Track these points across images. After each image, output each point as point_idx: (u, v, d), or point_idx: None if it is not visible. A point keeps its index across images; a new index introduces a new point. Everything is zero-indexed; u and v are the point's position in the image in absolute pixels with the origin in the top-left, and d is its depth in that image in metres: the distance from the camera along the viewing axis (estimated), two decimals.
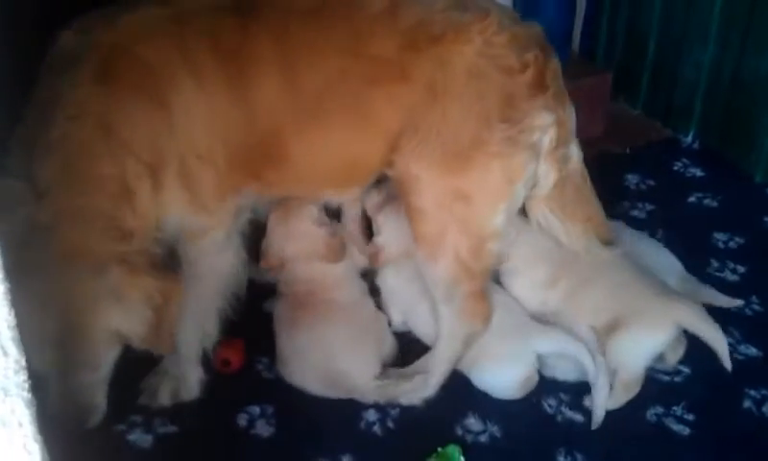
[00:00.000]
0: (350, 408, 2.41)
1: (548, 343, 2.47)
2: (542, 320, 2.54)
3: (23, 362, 1.04)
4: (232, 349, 2.48)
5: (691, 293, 2.66)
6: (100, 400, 2.09)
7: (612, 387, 2.38)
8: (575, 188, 2.47)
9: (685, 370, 2.57)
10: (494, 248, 2.34)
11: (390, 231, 2.62)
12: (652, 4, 3.68)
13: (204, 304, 2.39)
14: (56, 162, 2.00)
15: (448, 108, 2.20)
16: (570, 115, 2.37)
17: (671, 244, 2.89)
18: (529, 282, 2.60)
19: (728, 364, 2.39)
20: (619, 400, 2.40)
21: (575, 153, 2.45)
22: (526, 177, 2.30)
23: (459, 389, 2.49)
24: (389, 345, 2.53)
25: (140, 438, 2.34)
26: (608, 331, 2.44)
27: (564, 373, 2.51)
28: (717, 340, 2.40)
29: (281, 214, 2.57)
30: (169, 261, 2.25)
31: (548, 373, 2.51)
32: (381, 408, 2.42)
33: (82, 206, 2.01)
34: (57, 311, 1.91)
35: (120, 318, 2.00)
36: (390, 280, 2.65)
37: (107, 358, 2.06)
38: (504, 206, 2.30)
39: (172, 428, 2.36)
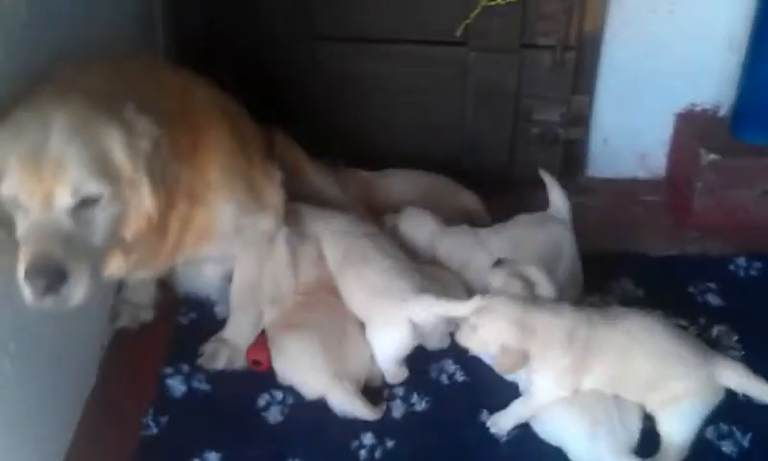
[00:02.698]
0: (352, 428, 2.47)
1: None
2: None
3: None
4: (263, 350, 2.63)
5: None
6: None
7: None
8: None
9: None
10: None
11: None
12: None
13: (259, 288, 2.66)
14: None
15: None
16: None
17: None
18: (552, 375, 2.35)
19: None
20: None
21: None
22: None
23: (460, 443, 2.46)
24: None
25: (176, 385, 2.60)
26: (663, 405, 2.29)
27: None
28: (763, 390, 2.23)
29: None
30: None
31: None
32: (380, 436, 2.45)
33: None
34: None
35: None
36: None
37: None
38: None
39: (205, 387, 2.60)
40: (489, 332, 2.32)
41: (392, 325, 2.52)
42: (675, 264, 3.07)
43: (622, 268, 2.97)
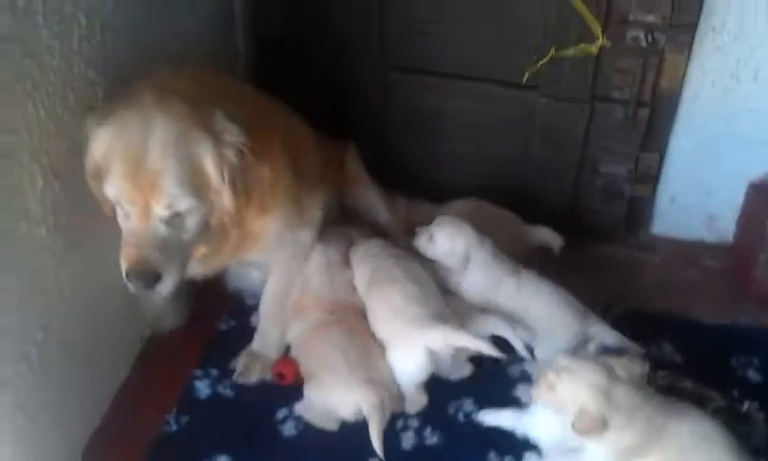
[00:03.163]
0: (360, 452, 2.51)
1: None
2: None
3: None
4: (287, 364, 2.74)
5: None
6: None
7: None
8: None
9: None
10: None
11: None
12: None
13: (288, 300, 2.79)
14: None
15: None
16: None
17: None
18: (611, 449, 2.33)
19: None
20: None
21: None
22: None
23: None
24: None
25: (203, 388, 2.74)
26: None
27: None
28: None
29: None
30: None
31: None
32: (385, 458, 2.49)
33: None
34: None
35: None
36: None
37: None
38: None
39: (229, 393, 2.72)
40: (567, 393, 2.32)
41: (409, 348, 2.58)
42: (723, 334, 3.00)
43: (666, 330, 2.93)
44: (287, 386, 2.70)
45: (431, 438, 2.60)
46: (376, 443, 2.48)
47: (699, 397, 2.61)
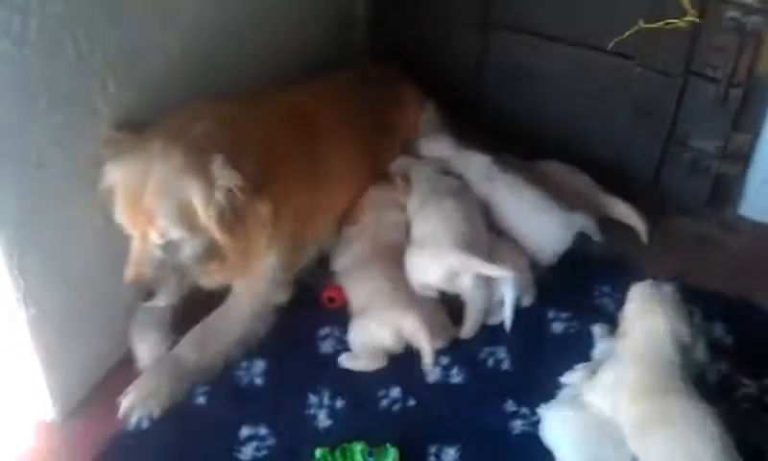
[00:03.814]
0: (385, 379, 2.71)
1: None
2: None
3: None
4: (337, 289, 2.96)
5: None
6: None
7: None
8: None
9: None
10: None
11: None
12: None
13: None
14: None
15: None
16: None
17: None
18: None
19: None
20: None
21: None
22: None
23: (471, 425, 2.61)
24: None
25: None
26: None
27: None
28: None
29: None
30: None
31: None
32: (406, 393, 2.66)
33: None
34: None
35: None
36: None
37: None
38: None
39: (281, 307, 2.91)
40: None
41: (434, 256, 2.82)
42: None
43: (724, 311, 2.92)
44: (336, 309, 2.93)
45: (456, 377, 2.75)
46: (427, 358, 2.67)
47: (730, 381, 2.63)
